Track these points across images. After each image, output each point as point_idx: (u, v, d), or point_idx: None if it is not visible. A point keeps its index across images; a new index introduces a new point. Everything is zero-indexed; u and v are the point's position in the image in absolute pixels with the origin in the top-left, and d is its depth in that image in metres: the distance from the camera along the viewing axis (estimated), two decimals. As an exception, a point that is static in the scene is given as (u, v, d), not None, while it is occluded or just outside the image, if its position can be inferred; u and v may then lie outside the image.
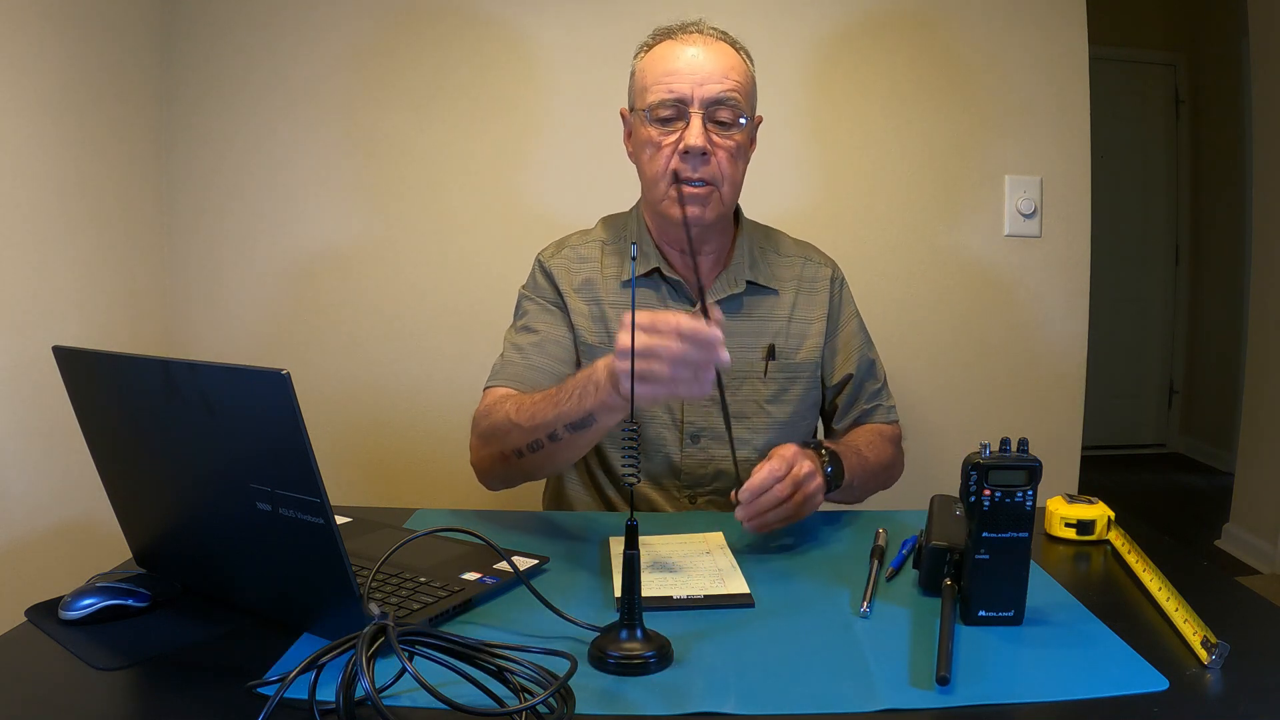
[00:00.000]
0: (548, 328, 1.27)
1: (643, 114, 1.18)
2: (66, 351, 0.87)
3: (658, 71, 1.17)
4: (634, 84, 1.23)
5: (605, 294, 1.27)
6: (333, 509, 0.71)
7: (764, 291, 1.29)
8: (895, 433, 1.35)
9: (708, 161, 1.16)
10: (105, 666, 0.74)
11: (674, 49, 1.18)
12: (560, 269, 1.30)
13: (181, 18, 1.86)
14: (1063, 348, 1.99)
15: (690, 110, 1.15)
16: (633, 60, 1.24)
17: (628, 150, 1.27)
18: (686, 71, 1.15)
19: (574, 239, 1.34)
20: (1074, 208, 1.96)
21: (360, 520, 1.12)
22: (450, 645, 0.66)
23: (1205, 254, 4.49)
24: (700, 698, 0.68)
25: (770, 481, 0.99)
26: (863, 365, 1.33)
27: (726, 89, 1.15)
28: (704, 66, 1.15)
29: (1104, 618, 0.83)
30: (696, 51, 1.16)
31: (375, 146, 1.91)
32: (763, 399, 1.27)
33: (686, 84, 1.15)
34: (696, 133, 1.14)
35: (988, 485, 0.80)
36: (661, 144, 1.17)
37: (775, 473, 0.99)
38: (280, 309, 1.94)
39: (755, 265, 1.29)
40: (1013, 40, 1.92)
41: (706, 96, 1.15)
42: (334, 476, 1.92)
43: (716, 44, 1.18)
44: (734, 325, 1.25)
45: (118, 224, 1.75)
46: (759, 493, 0.99)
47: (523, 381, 1.22)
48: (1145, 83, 4.46)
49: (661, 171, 1.18)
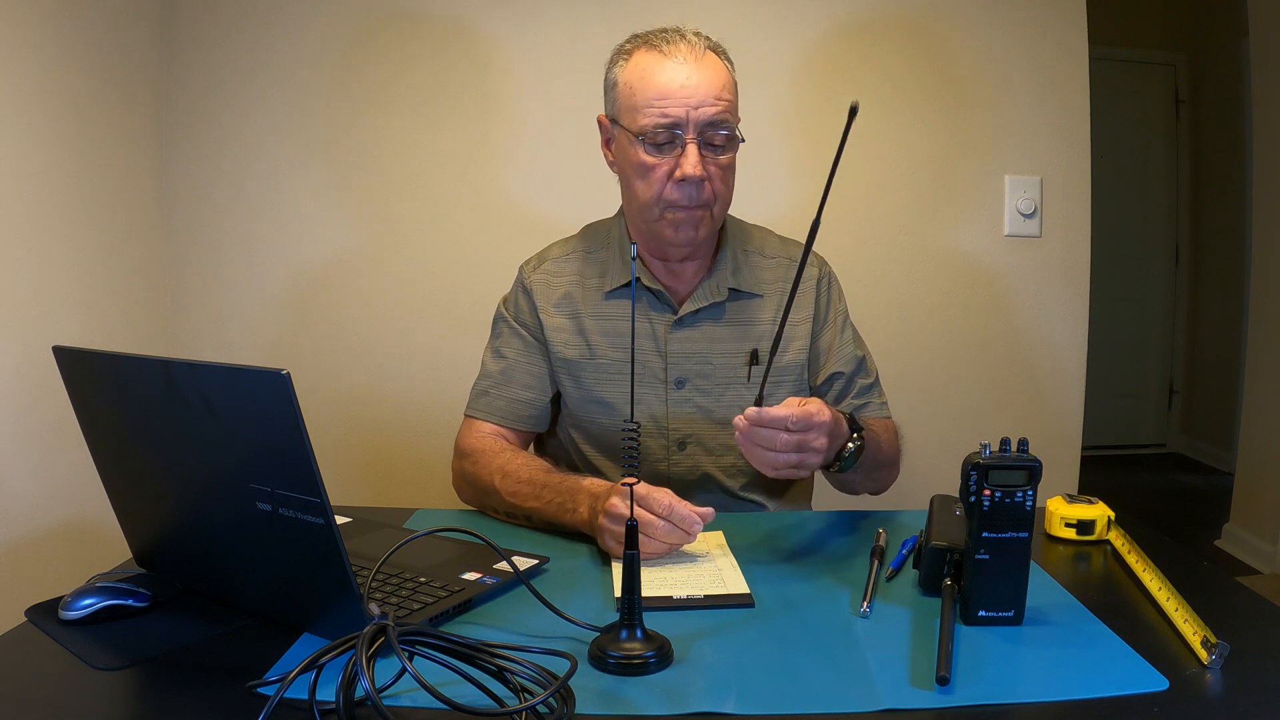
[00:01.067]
0: (517, 355, 1.28)
1: (631, 135, 1.14)
2: (66, 351, 0.87)
3: (648, 92, 1.12)
4: (618, 97, 1.18)
5: (585, 306, 1.26)
6: (333, 509, 0.71)
7: (747, 296, 1.26)
8: (894, 428, 1.32)
9: (703, 187, 1.14)
10: (105, 666, 0.74)
11: (662, 65, 1.13)
12: (540, 285, 1.28)
13: (181, 18, 1.86)
14: (1063, 348, 1.99)
15: (685, 137, 1.12)
16: (610, 67, 1.20)
17: (607, 159, 1.24)
18: (679, 95, 1.11)
19: (554, 250, 1.32)
20: (1074, 208, 1.96)
21: (360, 520, 1.12)
22: (450, 645, 0.66)
23: (1205, 254, 4.48)
24: (700, 698, 0.68)
25: (780, 423, 0.96)
26: (852, 362, 1.30)
27: (720, 110, 1.12)
28: (697, 88, 1.11)
29: (1104, 618, 0.83)
30: (686, 70, 1.12)
31: (374, 147, 1.92)
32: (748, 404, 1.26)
33: (680, 108, 1.11)
34: (694, 163, 1.12)
35: (988, 485, 0.79)
36: (655, 168, 1.14)
37: (789, 420, 0.96)
38: (280, 309, 1.94)
39: (739, 271, 1.26)
40: (1013, 40, 1.92)
41: (701, 120, 1.12)
42: (334, 476, 1.91)
43: (705, 57, 1.14)
44: (717, 331, 1.25)
45: (118, 224, 1.75)
46: (765, 423, 0.96)
47: (502, 415, 1.27)
48: (1145, 83, 4.46)
49: (655, 198, 1.16)
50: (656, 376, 1.24)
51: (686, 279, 1.26)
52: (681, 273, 1.26)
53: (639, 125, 1.13)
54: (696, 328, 1.24)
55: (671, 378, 1.24)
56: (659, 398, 1.24)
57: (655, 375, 1.24)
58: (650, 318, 1.25)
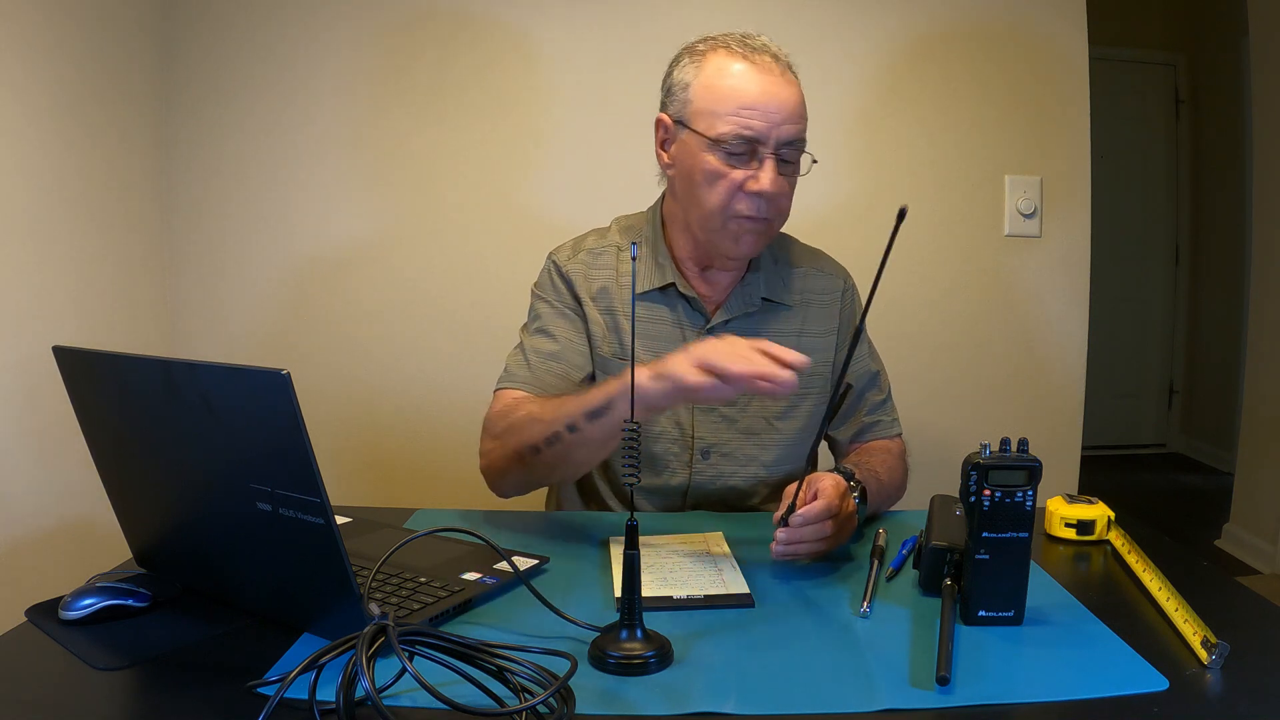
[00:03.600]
0: (565, 335, 1.23)
1: (706, 140, 1.11)
2: (66, 351, 0.87)
3: (731, 100, 1.09)
4: (689, 99, 1.14)
5: (621, 304, 1.23)
6: (333, 509, 0.71)
7: (779, 307, 1.26)
8: (902, 448, 1.33)
9: (773, 202, 1.13)
10: (105, 666, 0.74)
11: (748, 75, 1.10)
12: (578, 273, 1.25)
13: (181, 18, 1.86)
14: (1063, 348, 1.99)
15: (765, 152, 1.10)
16: (675, 67, 1.17)
17: (661, 160, 1.21)
18: (765, 108, 1.09)
19: (590, 240, 1.29)
20: (1074, 208, 1.96)
21: (360, 520, 1.12)
22: (450, 645, 0.66)
23: (1205, 254, 4.48)
24: (700, 698, 0.68)
25: (826, 514, 0.95)
26: (865, 376, 1.30)
27: (800, 130, 1.11)
28: (783, 105, 1.10)
29: (1104, 618, 0.83)
30: (773, 82, 1.10)
31: (375, 146, 1.91)
32: (773, 415, 1.25)
33: (764, 123, 1.09)
34: (771, 179, 1.10)
35: (988, 485, 0.80)
36: (727, 176, 1.11)
37: (832, 508, 0.96)
38: (280, 309, 1.94)
39: (771, 281, 1.26)
40: (1013, 40, 1.92)
41: (782, 137, 1.10)
42: (334, 476, 1.92)
43: (785, 74, 1.12)
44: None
45: (118, 224, 1.75)
46: (811, 522, 0.95)
47: (539, 387, 1.19)
48: (1145, 83, 4.46)
49: (723, 205, 1.13)
50: None
51: (721, 287, 1.24)
52: (716, 281, 1.24)
53: (717, 132, 1.10)
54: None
55: None
56: (685, 406, 1.22)
57: None
58: (683, 325, 1.23)
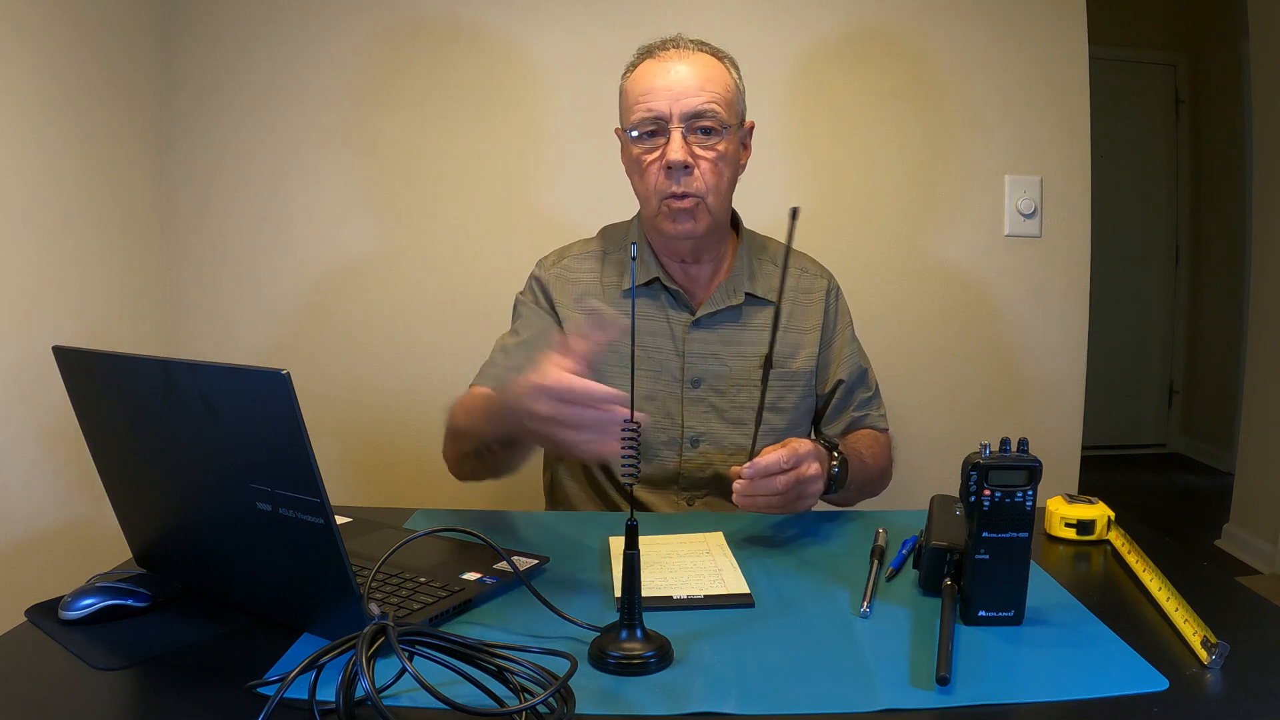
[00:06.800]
0: (538, 329, 1.29)
1: (628, 135, 1.22)
2: (66, 351, 0.87)
3: (637, 92, 1.20)
4: (621, 104, 1.26)
5: (607, 303, 1.29)
6: (333, 509, 0.71)
7: (761, 303, 1.31)
8: (889, 441, 1.38)
9: (691, 174, 1.19)
10: (105, 666, 0.74)
11: (653, 67, 1.20)
12: (556, 280, 1.32)
13: (181, 18, 1.86)
14: (1063, 348, 1.99)
15: (670, 126, 1.18)
16: (620, 80, 1.27)
17: (626, 168, 1.29)
18: (664, 88, 1.17)
19: (574, 249, 1.37)
20: (1074, 208, 1.96)
21: (360, 520, 1.12)
22: (450, 645, 0.66)
23: (1205, 254, 4.48)
24: (700, 698, 0.68)
25: (774, 468, 1.00)
26: (854, 373, 1.36)
27: (704, 101, 1.17)
28: (681, 81, 1.17)
29: (1104, 618, 0.83)
30: (675, 67, 1.18)
31: (375, 147, 1.91)
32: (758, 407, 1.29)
33: (664, 101, 1.17)
34: (676, 147, 1.17)
35: (988, 485, 0.80)
36: (646, 161, 1.20)
37: (781, 462, 1.01)
38: (280, 309, 1.94)
39: (754, 277, 1.32)
40: (1013, 40, 1.92)
41: (685, 111, 1.17)
42: (334, 476, 1.92)
43: (694, 56, 1.20)
44: (732, 334, 1.29)
45: (118, 224, 1.74)
46: (761, 474, 1.00)
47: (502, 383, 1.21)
48: (1145, 83, 4.46)
49: (651, 190, 1.21)
50: (673, 375, 1.28)
51: (702, 282, 1.31)
52: (698, 276, 1.31)
53: (629, 122, 1.22)
54: (714, 330, 1.28)
55: (688, 377, 1.28)
56: (675, 395, 1.28)
57: (672, 373, 1.28)
58: (669, 317, 1.29)
